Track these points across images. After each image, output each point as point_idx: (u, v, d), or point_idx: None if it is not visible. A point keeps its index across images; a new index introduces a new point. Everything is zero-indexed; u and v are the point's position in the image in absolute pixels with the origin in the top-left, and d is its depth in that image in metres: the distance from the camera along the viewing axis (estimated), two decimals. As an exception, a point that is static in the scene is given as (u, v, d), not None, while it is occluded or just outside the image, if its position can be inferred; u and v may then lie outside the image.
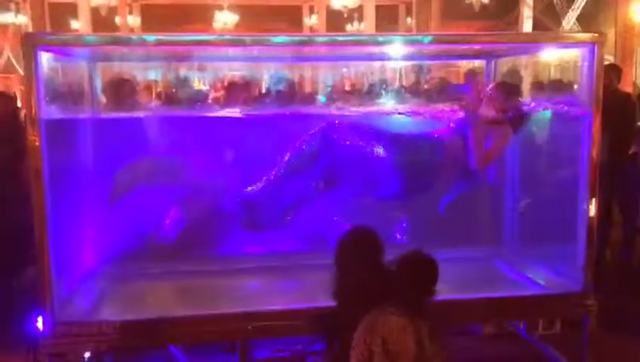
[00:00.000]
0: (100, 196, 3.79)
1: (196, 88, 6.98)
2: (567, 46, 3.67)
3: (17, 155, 4.17)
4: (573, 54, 3.63)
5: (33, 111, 2.93)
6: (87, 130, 3.82)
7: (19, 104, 6.20)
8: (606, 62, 4.85)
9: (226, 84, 6.97)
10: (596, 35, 3.36)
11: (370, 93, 6.40)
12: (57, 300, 3.09)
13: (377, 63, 5.70)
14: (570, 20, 13.17)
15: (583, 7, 13.18)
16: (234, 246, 4.08)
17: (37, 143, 2.94)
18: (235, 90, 6.45)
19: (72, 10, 15.37)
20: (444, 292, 2.60)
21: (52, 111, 3.39)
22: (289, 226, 3.76)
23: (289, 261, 4.05)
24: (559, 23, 13.42)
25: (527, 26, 13.64)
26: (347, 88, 7.79)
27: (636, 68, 13.44)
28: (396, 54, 4.08)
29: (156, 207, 3.88)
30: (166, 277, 3.93)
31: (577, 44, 3.47)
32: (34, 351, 3.20)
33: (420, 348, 2.43)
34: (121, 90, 5.36)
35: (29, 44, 2.87)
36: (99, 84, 3.99)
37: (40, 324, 3.06)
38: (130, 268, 3.88)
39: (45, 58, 3.05)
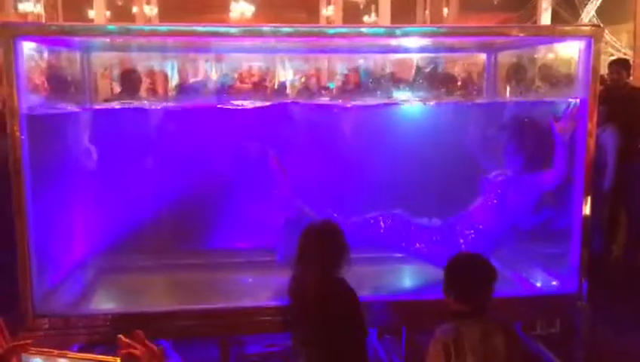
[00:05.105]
0: (88, 187, 3.76)
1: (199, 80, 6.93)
2: (564, 39, 3.54)
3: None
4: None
5: (14, 102, 2.89)
6: (77, 121, 3.79)
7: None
8: (615, 57, 4.71)
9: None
10: (593, 28, 3.25)
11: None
12: (39, 292, 3.08)
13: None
14: (589, 13, 12.91)
15: (602, 0, 12.92)
16: (225, 239, 4.05)
17: (17, 135, 2.92)
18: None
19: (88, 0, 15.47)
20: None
21: (40, 103, 3.39)
22: None
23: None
24: (577, 16, 13.17)
25: (545, 19, 13.43)
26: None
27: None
28: (392, 46, 4.01)
29: (154, 199, 3.85)
30: (155, 270, 3.90)
31: (575, 37, 3.34)
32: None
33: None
34: (130, 80, 5.36)
35: (8, 34, 2.83)
36: (87, 74, 3.93)
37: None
38: (118, 261, 3.86)
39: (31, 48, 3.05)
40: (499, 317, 2.58)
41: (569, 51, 3.59)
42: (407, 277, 3.91)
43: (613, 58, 7.05)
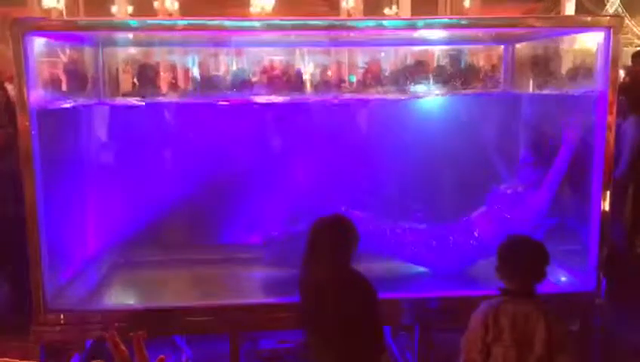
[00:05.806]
0: (100, 182, 3.76)
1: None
2: (583, 30, 3.44)
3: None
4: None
5: (24, 97, 2.89)
6: (89, 115, 3.79)
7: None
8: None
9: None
10: (612, 18, 3.15)
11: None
12: (51, 287, 3.08)
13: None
14: (614, 4, 12.64)
15: (629, -10, 12.64)
16: (238, 235, 4.03)
17: (28, 129, 2.91)
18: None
19: (110, -5, 15.54)
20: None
21: (52, 97, 3.40)
22: None
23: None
24: (602, 7, 12.90)
25: (569, 9, 13.17)
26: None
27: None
28: (406, 38, 3.95)
29: (167, 194, 3.84)
30: (168, 265, 3.89)
31: (593, 27, 3.24)
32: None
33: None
34: (145, 75, 5.38)
35: (17, 30, 2.82)
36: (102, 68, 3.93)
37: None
38: (131, 256, 3.86)
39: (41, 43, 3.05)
40: (548, 304, 2.56)
41: (589, 43, 3.50)
42: (416, 274, 3.85)
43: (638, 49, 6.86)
